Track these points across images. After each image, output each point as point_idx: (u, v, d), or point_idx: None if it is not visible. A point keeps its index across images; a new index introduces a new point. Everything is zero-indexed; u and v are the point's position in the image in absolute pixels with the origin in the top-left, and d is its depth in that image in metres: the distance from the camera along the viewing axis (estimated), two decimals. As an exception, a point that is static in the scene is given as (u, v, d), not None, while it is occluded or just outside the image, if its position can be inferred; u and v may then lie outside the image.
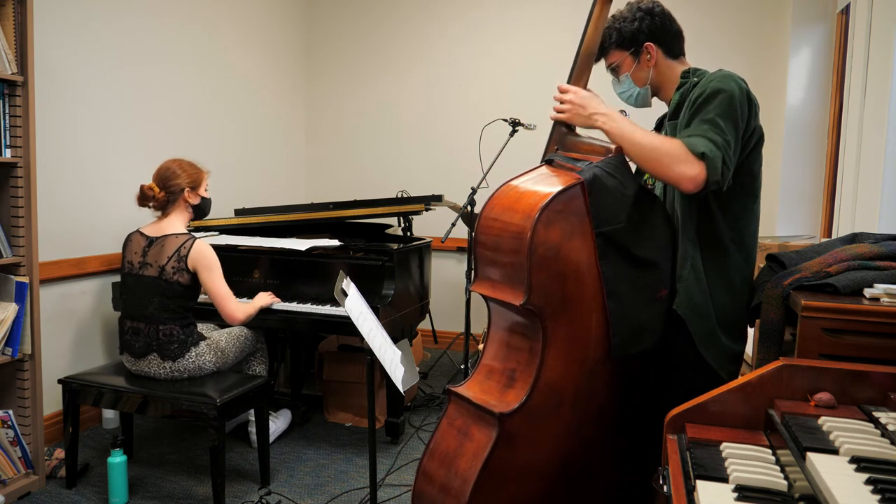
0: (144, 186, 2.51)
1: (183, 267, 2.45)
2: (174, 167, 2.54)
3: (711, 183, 1.50)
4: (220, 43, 4.01)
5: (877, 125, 2.65)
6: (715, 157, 1.49)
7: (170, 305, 2.46)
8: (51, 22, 2.90)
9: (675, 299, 1.66)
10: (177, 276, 2.45)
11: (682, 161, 1.50)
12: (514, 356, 1.65)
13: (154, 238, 2.51)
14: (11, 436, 2.46)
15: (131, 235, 2.57)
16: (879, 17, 2.71)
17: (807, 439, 1.01)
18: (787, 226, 3.76)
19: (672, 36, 1.76)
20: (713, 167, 1.49)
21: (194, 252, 2.46)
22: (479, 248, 1.67)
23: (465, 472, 1.57)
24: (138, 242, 2.53)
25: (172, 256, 2.45)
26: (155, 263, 2.47)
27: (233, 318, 2.54)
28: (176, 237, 2.49)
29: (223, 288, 2.51)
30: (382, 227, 3.73)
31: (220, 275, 2.51)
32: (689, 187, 1.52)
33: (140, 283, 2.48)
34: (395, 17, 4.74)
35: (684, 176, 1.50)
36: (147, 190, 2.50)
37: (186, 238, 2.49)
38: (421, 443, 3.05)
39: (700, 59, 1.82)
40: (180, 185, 2.53)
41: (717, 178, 1.50)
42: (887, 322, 1.29)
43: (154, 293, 2.46)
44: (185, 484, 2.63)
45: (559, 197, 1.53)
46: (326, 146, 5.02)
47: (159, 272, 2.46)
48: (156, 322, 2.45)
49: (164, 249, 2.48)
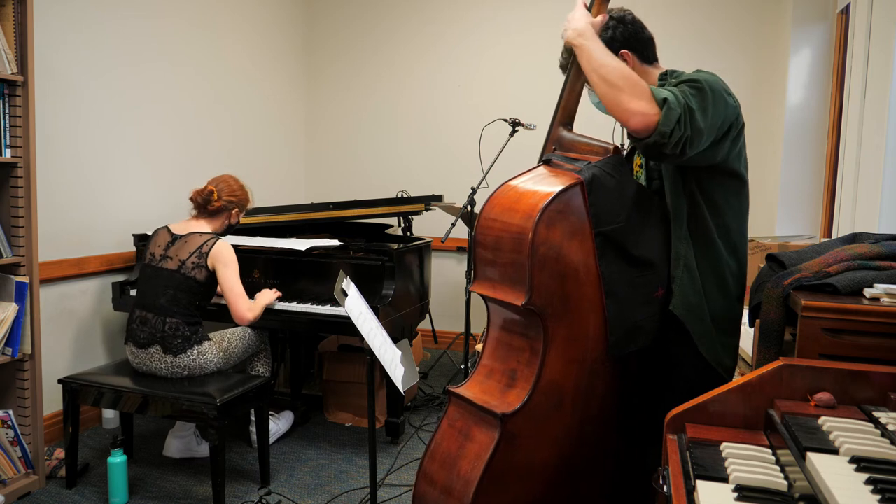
0: (208, 189, 2.60)
1: (203, 263, 2.51)
2: (235, 185, 2.68)
3: (658, 132, 1.43)
4: (220, 42, 4.01)
5: (877, 125, 2.65)
6: (674, 108, 1.44)
7: (181, 300, 2.50)
8: (51, 22, 2.90)
9: (671, 300, 1.66)
10: (195, 272, 2.51)
11: (642, 97, 1.45)
12: (514, 356, 1.65)
13: (179, 235, 2.57)
14: (11, 436, 2.46)
15: (159, 230, 2.65)
16: (879, 17, 2.71)
17: (807, 439, 1.01)
18: (787, 226, 3.76)
19: (645, 42, 1.77)
20: (668, 116, 1.43)
21: (216, 249, 2.52)
22: (479, 248, 1.66)
23: (467, 474, 1.56)
24: (164, 237, 2.60)
25: (194, 252, 2.52)
26: (176, 257, 2.52)
27: (243, 317, 2.57)
28: (200, 235, 2.56)
29: (238, 286, 2.55)
30: (382, 227, 3.73)
31: (237, 274, 2.56)
32: (637, 125, 1.44)
33: (157, 274, 2.53)
34: (395, 17, 4.74)
35: (639, 111, 1.44)
36: (208, 192, 2.60)
37: (210, 237, 2.56)
38: (421, 443, 3.05)
39: (700, 59, 1.83)
40: (235, 203, 2.66)
41: (666, 129, 1.42)
42: (887, 322, 1.29)
43: (169, 285, 2.49)
44: (185, 484, 2.63)
45: (560, 197, 1.53)
46: (326, 146, 5.02)
47: (179, 266, 2.51)
48: (164, 314, 2.48)
49: (187, 245, 2.54)
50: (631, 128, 1.47)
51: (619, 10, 1.77)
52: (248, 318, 2.58)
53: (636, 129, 1.46)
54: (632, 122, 1.46)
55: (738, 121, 1.63)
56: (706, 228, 1.64)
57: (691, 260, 1.64)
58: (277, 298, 2.84)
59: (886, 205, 2.59)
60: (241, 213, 2.74)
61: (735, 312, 1.70)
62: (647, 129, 1.45)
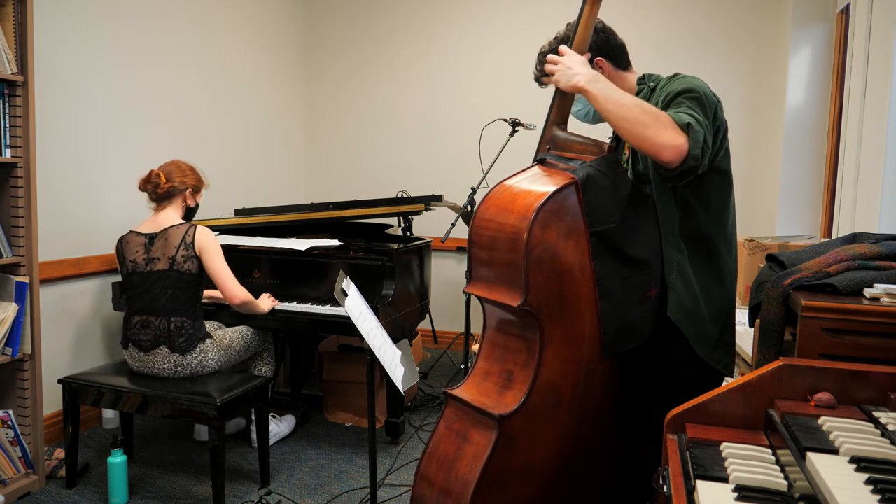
0: (153, 172, 2.57)
1: (192, 254, 2.50)
2: (184, 166, 2.66)
3: (691, 157, 1.44)
4: (220, 42, 4.01)
5: (877, 125, 2.65)
6: (698, 131, 1.45)
7: (181, 296, 2.49)
8: (51, 22, 2.90)
9: (668, 307, 1.66)
10: (187, 265, 2.50)
11: (669, 127, 1.45)
12: (510, 357, 1.64)
13: (154, 234, 2.54)
14: (11, 436, 2.46)
15: (125, 237, 2.58)
16: (879, 17, 2.71)
17: (807, 439, 1.01)
18: (787, 226, 3.76)
19: (618, 49, 1.78)
20: (696, 139, 1.44)
21: (198, 235, 2.52)
22: (475, 249, 1.66)
23: (465, 475, 1.56)
24: (136, 241, 2.55)
25: (180, 246, 2.50)
26: (164, 256, 2.50)
27: (234, 294, 2.57)
28: (177, 228, 2.54)
29: (225, 267, 2.55)
30: (382, 227, 3.73)
31: (222, 256, 2.57)
32: (671, 157, 1.44)
33: (149, 278, 2.50)
34: (395, 17, 4.74)
35: (669, 144, 1.43)
36: (154, 176, 2.56)
37: (187, 226, 2.55)
38: (421, 443, 3.05)
39: (701, 59, 1.82)
40: (186, 184, 2.61)
41: (697, 152, 1.44)
42: (887, 322, 1.29)
43: (166, 285, 2.48)
44: (185, 484, 2.63)
45: (554, 197, 1.53)
46: (327, 146, 5.02)
47: (170, 264, 2.49)
48: (168, 314, 2.47)
49: (168, 241, 2.51)
50: (664, 160, 1.46)
51: None
52: (238, 295, 2.57)
53: (670, 161, 1.45)
54: (664, 155, 1.45)
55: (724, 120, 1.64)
56: (702, 230, 1.65)
57: (684, 264, 1.65)
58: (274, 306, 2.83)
59: (886, 205, 2.59)
60: (198, 194, 2.69)
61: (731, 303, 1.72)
62: (681, 158, 1.44)
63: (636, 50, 1.85)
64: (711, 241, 1.66)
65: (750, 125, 4.01)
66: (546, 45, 1.87)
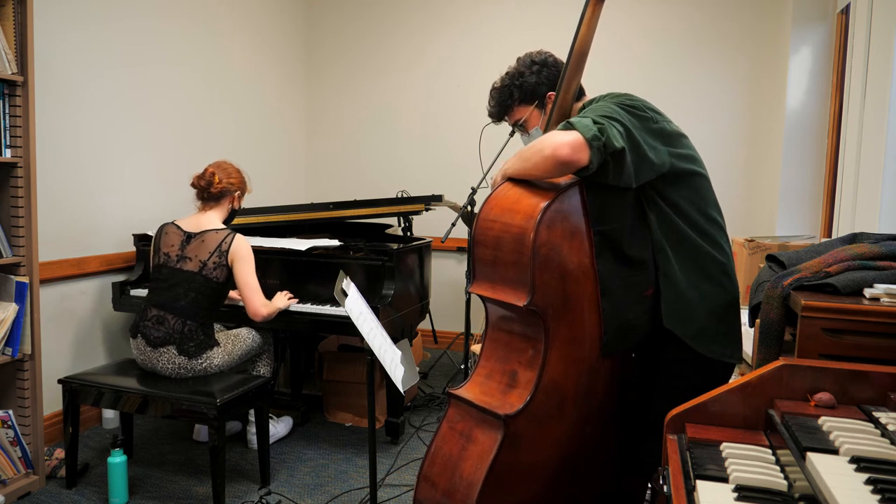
0: (208, 170, 2.60)
1: (224, 262, 2.50)
2: (238, 169, 2.70)
3: (593, 139, 1.41)
4: (220, 42, 4.01)
5: (877, 125, 2.65)
6: (584, 119, 1.45)
7: (202, 302, 2.50)
8: (51, 22, 2.90)
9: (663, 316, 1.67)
10: (216, 273, 2.50)
11: (555, 136, 1.45)
12: (514, 357, 1.64)
13: (193, 233, 2.55)
14: (11, 436, 2.46)
15: (166, 227, 2.60)
16: (879, 17, 2.71)
17: (807, 439, 1.01)
18: (787, 226, 3.76)
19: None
20: (584, 125, 1.43)
21: (235, 245, 2.52)
22: (479, 249, 1.65)
23: (470, 476, 1.56)
24: (176, 235, 2.56)
25: (214, 252, 2.51)
26: (195, 258, 2.51)
27: (257, 312, 2.57)
28: (216, 232, 2.54)
29: (254, 281, 2.56)
30: (382, 227, 3.73)
31: (253, 269, 2.57)
32: (569, 152, 1.41)
33: (176, 275, 2.51)
34: (395, 17, 4.74)
35: (561, 143, 1.42)
36: (209, 174, 2.58)
37: (227, 234, 2.55)
38: (421, 442, 3.05)
39: (701, 59, 1.82)
40: (235, 187, 2.65)
41: (591, 134, 1.42)
42: (887, 322, 1.29)
43: (190, 288, 2.49)
44: (185, 484, 2.63)
45: (560, 197, 1.53)
46: (327, 146, 5.02)
47: (200, 267, 2.49)
48: (184, 315, 2.48)
49: (204, 244, 2.52)
50: (569, 158, 1.43)
51: (539, 54, 1.84)
52: (262, 313, 2.58)
53: (574, 157, 1.42)
54: (562, 152, 1.43)
55: (667, 122, 1.64)
56: (676, 229, 1.66)
57: (669, 267, 1.66)
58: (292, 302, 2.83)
59: (886, 205, 2.59)
60: (242, 198, 2.73)
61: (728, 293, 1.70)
62: (581, 149, 1.42)
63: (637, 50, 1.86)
64: (693, 241, 1.66)
65: (750, 125, 4.01)
66: (498, 80, 1.90)
